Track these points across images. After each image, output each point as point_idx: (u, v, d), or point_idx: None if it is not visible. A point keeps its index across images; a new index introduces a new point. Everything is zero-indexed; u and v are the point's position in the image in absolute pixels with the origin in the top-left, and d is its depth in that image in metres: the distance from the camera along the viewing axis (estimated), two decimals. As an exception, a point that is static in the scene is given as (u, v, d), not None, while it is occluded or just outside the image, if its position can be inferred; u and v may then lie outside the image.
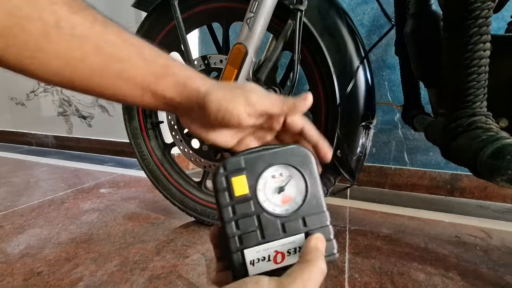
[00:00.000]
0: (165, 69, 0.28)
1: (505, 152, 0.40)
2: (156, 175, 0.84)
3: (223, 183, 0.25)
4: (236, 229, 0.24)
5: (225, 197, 0.25)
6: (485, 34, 0.43)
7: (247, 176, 0.25)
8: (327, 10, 0.63)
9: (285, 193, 0.26)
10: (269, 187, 0.25)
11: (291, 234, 0.25)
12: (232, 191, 0.25)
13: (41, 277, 0.59)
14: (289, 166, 0.26)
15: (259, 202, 0.25)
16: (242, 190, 0.25)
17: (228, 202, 0.25)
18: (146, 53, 0.27)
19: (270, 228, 0.25)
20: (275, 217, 0.25)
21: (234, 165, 0.25)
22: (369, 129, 0.65)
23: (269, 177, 0.26)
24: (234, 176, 0.25)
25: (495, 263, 0.66)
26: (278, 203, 0.25)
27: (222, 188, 0.25)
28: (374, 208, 0.96)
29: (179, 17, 0.68)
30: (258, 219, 0.25)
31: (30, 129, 1.99)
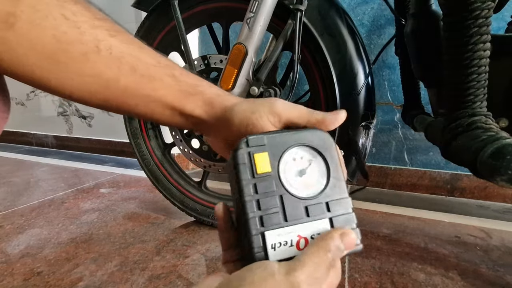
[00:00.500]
0: (194, 88, 0.29)
1: (505, 152, 0.40)
2: (156, 175, 0.84)
3: (245, 158, 0.23)
4: (257, 208, 0.22)
5: (247, 173, 0.23)
6: (485, 34, 0.43)
7: (270, 155, 0.24)
8: (327, 10, 0.63)
9: (306, 177, 0.24)
10: (290, 169, 0.24)
11: (315, 218, 0.23)
12: (254, 167, 0.23)
13: (41, 277, 0.59)
14: (311, 149, 0.25)
15: (282, 183, 0.23)
16: (265, 167, 0.23)
17: (250, 178, 0.23)
18: (177, 73, 0.28)
19: (293, 210, 0.23)
20: (298, 200, 0.23)
21: (257, 142, 0.24)
22: (369, 129, 0.65)
23: (291, 160, 0.24)
24: (257, 152, 0.23)
25: (495, 263, 0.66)
26: (299, 186, 0.24)
27: (244, 163, 0.23)
28: (374, 208, 0.96)
29: (179, 17, 0.68)
30: (281, 199, 0.23)
31: (30, 129, 1.99)
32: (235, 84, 0.63)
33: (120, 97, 0.27)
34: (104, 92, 0.26)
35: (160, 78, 0.27)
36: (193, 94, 0.29)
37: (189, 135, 0.77)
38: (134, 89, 0.27)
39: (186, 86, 0.29)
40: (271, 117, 0.27)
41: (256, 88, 0.63)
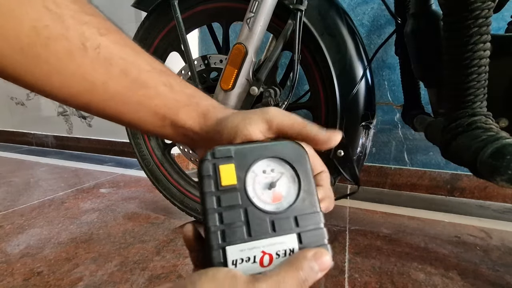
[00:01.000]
0: (189, 99, 0.27)
1: (505, 152, 0.40)
2: (156, 175, 0.84)
3: (210, 170, 0.22)
4: (220, 222, 0.21)
5: (211, 184, 0.22)
6: (485, 34, 0.43)
7: (236, 167, 0.23)
8: (327, 10, 0.63)
9: (276, 190, 0.23)
10: (259, 182, 0.23)
11: (282, 233, 0.22)
12: (219, 179, 0.22)
13: (41, 277, 0.59)
14: (282, 161, 0.24)
15: (248, 196, 0.22)
16: (230, 179, 0.22)
17: (213, 190, 0.22)
18: (173, 82, 0.27)
19: (258, 224, 0.22)
20: (265, 213, 0.22)
21: (223, 153, 0.23)
22: (369, 129, 0.65)
23: (260, 172, 0.23)
24: (223, 164, 0.23)
25: (495, 263, 0.66)
26: (268, 200, 0.23)
27: (208, 175, 0.22)
28: (374, 208, 0.96)
29: (179, 17, 0.68)
30: (245, 213, 0.22)
31: (30, 129, 1.99)
32: (235, 84, 0.63)
33: (105, 101, 0.24)
34: (87, 95, 0.24)
35: (154, 85, 0.25)
36: (188, 104, 0.27)
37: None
38: (123, 95, 0.24)
39: (181, 95, 0.27)
40: (261, 125, 0.25)
41: (256, 88, 0.63)
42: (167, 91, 0.26)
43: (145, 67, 0.25)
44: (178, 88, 0.27)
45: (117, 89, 0.24)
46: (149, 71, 0.25)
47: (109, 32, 0.23)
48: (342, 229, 0.81)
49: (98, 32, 0.22)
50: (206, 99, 0.28)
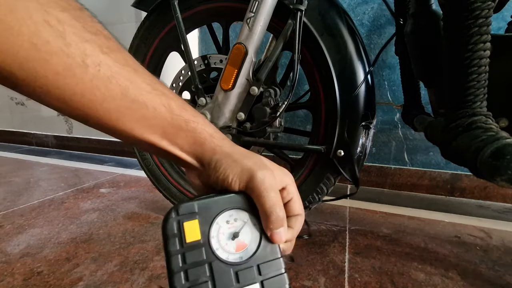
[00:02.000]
0: (187, 124, 0.27)
1: (505, 152, 0.40)
2: (156, 175, 0.84)
3: (174, 228, 0.23)
4: (185, 280, 0.22)
5: (176, 243, 0.22)
6: (485, 34, 0.43)
7: (200, 221, 0.24)
8: (327, 10, 0.63)
9: (239, 239, 0.24)
10: (223, 233, 0.24)
11: (245, 284, 0.23)
12: (183, 237, 0.23)
13: (41, 277, 0.59)
14: (243, 211, 0.25)
15: (212, 249, 0.23)
16: (194, 236, 0.23)
17: (178, 249, 0.22)
18: (173, 104, 0.27)
19: (222, 278, 0.22)
20: (229, 266, 0.23)
21: (187, 210, 0.24)
22: (369, 129, 0.65)
23: (223, 223, 0.24)
24: (187, 220, 0.23)
25: (495, 263, 0.66)
26: (232, 250, 0.24)
27: (173, 234, 0.23)
28: (374, 208, 0.96)
29: (179, 17, 0.68)
30: (210, 268, 0.23)
31: (30, 129, 1.99)
32: (235, 84, 0.63)
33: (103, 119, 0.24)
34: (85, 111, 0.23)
35: (153, 106, 0.25)
36: (185, 130, 0.27)
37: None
38: (121, 114, 0.24)
39: (179, 120, 0.27)
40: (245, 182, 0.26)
41: (256, 88, 0.63)
42: (166, 114, 0.26)
43: (145, 87, 0.25)
44: (177, 112, 0.27)
45: (115, 108, 0.24)
46: (149, 92, 0.25)
47: (111, 51, 0.23)
48: (342, 229, 0.81)
49: (100, 50, 0.22)
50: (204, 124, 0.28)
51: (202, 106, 0.70)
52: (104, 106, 0.23)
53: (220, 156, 0.27)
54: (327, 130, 0.67)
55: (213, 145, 0.28)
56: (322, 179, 0.68)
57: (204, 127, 0.28)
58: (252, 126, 0.67)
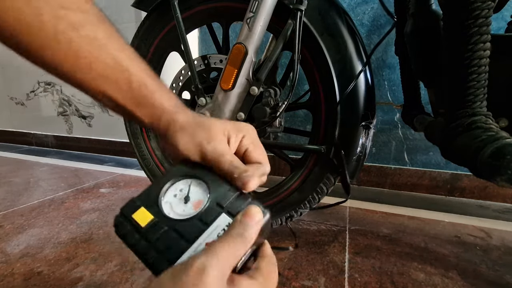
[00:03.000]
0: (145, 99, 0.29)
1: (505, 152, 0.40)
2: (156, 175, 0.84)
3: (126, 226, 0.24)
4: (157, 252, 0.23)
5: (133, 235, 0.24)
6: (485, 34, 0.43)
7: (146, 206, 0.25)
8: (327, 10, 0.63)
9: (193, 200, 0.25)
10: (176, 205, 0.25)
11: (213, 220, 0.24)
12: (137, 225, 0.24)
13: (41, 277, 0.59)
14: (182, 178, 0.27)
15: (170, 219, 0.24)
16: (147, 218, 0.24)
17: (138, 237, 0.23)
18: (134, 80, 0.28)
19: (190, 230, 0.23)
20: (190, 219, 0.24)
21: (129, 207, 0.25)
22: (369, 129, 0.65)
23: (171, 197, 0.26)
24: (134, 212, 0.25)
25: (495, 263, 0.66)
26: (191, 211, 0.25)
27: (127, 230, 0.24)
28: (374, 208, 0.96)
29: (179, 17, 0.68)
30: (175, 230, 0.24)
31: (30, 129, 1.99)
32: (235, 84, 0.63)
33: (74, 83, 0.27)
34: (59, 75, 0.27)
35: (115, 80, 0.28)
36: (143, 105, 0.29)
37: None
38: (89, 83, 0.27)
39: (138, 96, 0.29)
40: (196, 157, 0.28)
41: (256, 88, 0.63)
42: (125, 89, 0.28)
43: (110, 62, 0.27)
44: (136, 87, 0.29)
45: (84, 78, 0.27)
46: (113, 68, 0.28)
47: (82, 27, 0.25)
48: (342, 229, 0.81)
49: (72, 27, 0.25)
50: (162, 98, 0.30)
51: (202, 106, 0.70)
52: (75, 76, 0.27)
53: (174, 130, 0.29)
54: (327, 130, 0.67)
55: (169, 119, 0.30)
56: (322, 179, 0.68)
57: (162, 101, 0.30)
58: (252, 126, 0.67)
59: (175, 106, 0.31)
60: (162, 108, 0.30)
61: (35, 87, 1.85)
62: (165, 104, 0.30)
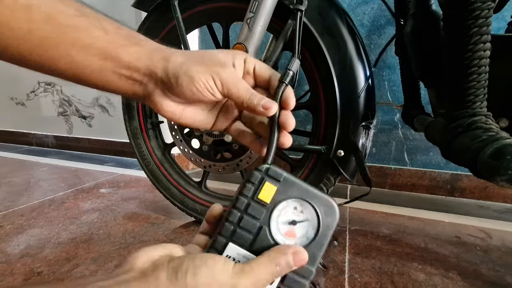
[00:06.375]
0: (127, 39, 0.26)
1: (505, 152, 0.40)
2: (156, 175, 0.84)
3: (257, 179, 0.25)
4: (238, 221, 0.24)
5: (250, 191, 0.25)
6: (485, 34, 0.43)
7: (278, 190, 0.25)
8: (327, 10, 0.63)
9: (293, 228, 0.25)
10: (285, 214, 0.25)
11: None
12: (258, 191, 0.25)
13: (41, 277, 0.59)
14: (313, 209, 0.26)
15: (270, 218, 0.25)
16: (266, 197, 0.25)
17: (249, 196, 0.25)
18: (106, 25, 0.25)
19: (261, 245, 0.24)
20: (272, 240, 0.25)
21: (274, 174, 0.25)
22: (369, 129, 0.65)
23: (292, 207, 0.26)
24: (269, 182, 0.25)
25: (495, 263, 0.66)
26: (282, 231, 0.25)
27: (253, 182, 0.25)
28: (374, 208, 0.96)
29: (179, 17, 0.68)
30: (259, 229, 0.25)
31: (30, 129, 1.99)
32: (235, 84, 0.63)
33: (36, 49, 0.24)
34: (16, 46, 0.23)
35: (86, 29, 0.24)
36: (127, 45, 0.26)
37: (189, 135, 0.77)
38: (53, 39, 0.23)
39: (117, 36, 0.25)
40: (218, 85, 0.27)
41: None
42: (101, 33, 0.25)
43: (73, 12, 0.24)
44: (112, 30, 0.26)
45: (44, 35, 0.23)
46: (79, 16, 0.24)
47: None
48: (342, 229, 0.81)
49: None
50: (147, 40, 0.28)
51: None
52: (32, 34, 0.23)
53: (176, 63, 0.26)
54: (327, 130, 0.67)
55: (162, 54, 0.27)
56: (322, 179, 0.68)
57: (146, 41, 0.27)
58: (252, 126, 0.67)
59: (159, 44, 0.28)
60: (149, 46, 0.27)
61: (35, 87, 1.86)
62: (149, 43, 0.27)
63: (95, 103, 1.69)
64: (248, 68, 0.29)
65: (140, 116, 0.83)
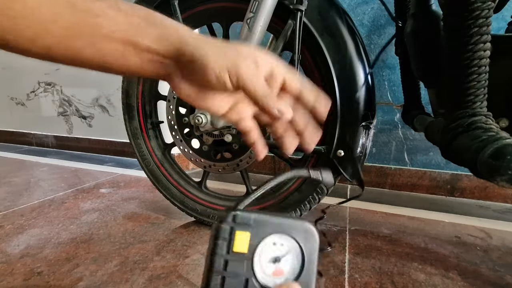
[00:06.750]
0: (146, 21, 0.26)
1: (505, 152, 0.40)
2: (156, 175, 0.84)
3: (226, 233, 0.24)
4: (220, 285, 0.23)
5: (223, 248, 0.23)
6: (485, 34, 0.43)
7: (251, 235, 0.24)
8: (327, 10, 0.63)
9: (279, 265, 0.24)
10: (266, 253, 0.24)
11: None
12: (232, 244, 0.23)
13: (41, 277, 0.59)
14: (293, 240, 0.25)
15: (253, 266, 0.24)
16: (242, 247, 0.24)
17: (223, 254, 0.23)
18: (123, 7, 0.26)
19: None
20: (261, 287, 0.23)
21: (243, 220, 0.24)
22: (369, 129, 0.65)
23: (270, 243, 0.24)
24: (240, 230, 0.24)
25: (495, 263, 0.66)
26: (269, 272, 0.24)
27: (224, 238, 0.23)
28: (374, 208, 0.96)
29: (179, 17, 0.68)
30: (246, 283, 0.23)
31: (30, 129, 1.99)
32: (235, 84, 0.63)
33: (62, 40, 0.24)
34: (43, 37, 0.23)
35: (104, 13, 0.25)
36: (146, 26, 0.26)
37: (189, 135, 0.77)
38: (76, 28, 0.24)
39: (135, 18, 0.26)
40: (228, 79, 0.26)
41: (256, 88, 0.63)
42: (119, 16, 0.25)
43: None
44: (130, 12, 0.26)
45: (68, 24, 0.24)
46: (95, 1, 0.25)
47: None
48: (342, 229, 0.81)
49: None
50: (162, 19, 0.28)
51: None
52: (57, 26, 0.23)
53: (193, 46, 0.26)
54: (327, 130, 0.67)
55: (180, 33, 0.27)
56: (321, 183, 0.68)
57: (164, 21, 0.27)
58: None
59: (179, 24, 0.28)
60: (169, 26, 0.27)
61: (35, 87, 1.86)
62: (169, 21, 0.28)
63: (95, 103, 1.69)
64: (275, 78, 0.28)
65: (140, 116, 0.84)
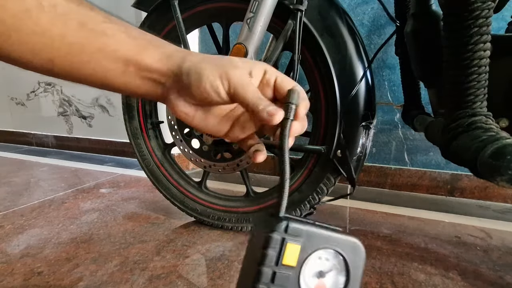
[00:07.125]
0: (150, 43, 0.28)
1: (505, 152, 0.40)
2: (156, 175, 0.84)
3: (278, 244, 0.23)
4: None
5: (273, 259, 0.22)
6: (485, 34, 0.43)
7: (301, 249, 0.23)
8: (327, 10, 0.63)
9: (322, 281, 0.24)
10: (311, 267, 0.24)
11: None
12: (282, 256, 0.22)
13: (41, 277, 0.59)
14: (339, 255, 0.24)
15: (298, 279, 0.23)
16: (292, 261, 0.23)
17: (272, 265, 0.22)
18: (131, 31, 0.27)
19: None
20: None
21: (295, 232, 0.23)
22: (369, 129, 0.65)
23: (316, 257, 0.24)
24: (291, 242, 0.23)
25: (495, 263, 0.66)
26: (312, 286, 0.23)
27: (274, 248, 0.22)
28: (374, 208, 0.96)
29: (179, 17, 0.68)
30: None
31: (30, 129, 1.99)
32: (235, 84, 0.63)
33: (67, 55, 0.25)
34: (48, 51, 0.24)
35: (113, 34, 0.26)
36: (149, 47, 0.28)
37: (189, 135, 0.77)
38: (82, 44, 0.25)
39: (140, 40, 0.28)
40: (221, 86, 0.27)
41: (256, 88, 0.63)
42: (126, 37, 0.27)
43: (102, 19, 0.26)
44: (136, 35, 0.28)
45: (75, 40, 0.25)
46: (106, 22, 0.26)
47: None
48: (342, 230, 0.81)
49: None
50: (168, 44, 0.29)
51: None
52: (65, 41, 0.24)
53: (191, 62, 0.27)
54: (327, 130, 0.67)
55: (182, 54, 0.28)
56: (322, 179, 0.68)
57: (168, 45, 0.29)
58: (252, 126, 0.67)
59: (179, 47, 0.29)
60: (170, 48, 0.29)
61: (35, 87, 1.86)
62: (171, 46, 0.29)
63: (95, 103, 1.69)
64: (268, 79, 0.29)
65: (140, 116, 0.84)
